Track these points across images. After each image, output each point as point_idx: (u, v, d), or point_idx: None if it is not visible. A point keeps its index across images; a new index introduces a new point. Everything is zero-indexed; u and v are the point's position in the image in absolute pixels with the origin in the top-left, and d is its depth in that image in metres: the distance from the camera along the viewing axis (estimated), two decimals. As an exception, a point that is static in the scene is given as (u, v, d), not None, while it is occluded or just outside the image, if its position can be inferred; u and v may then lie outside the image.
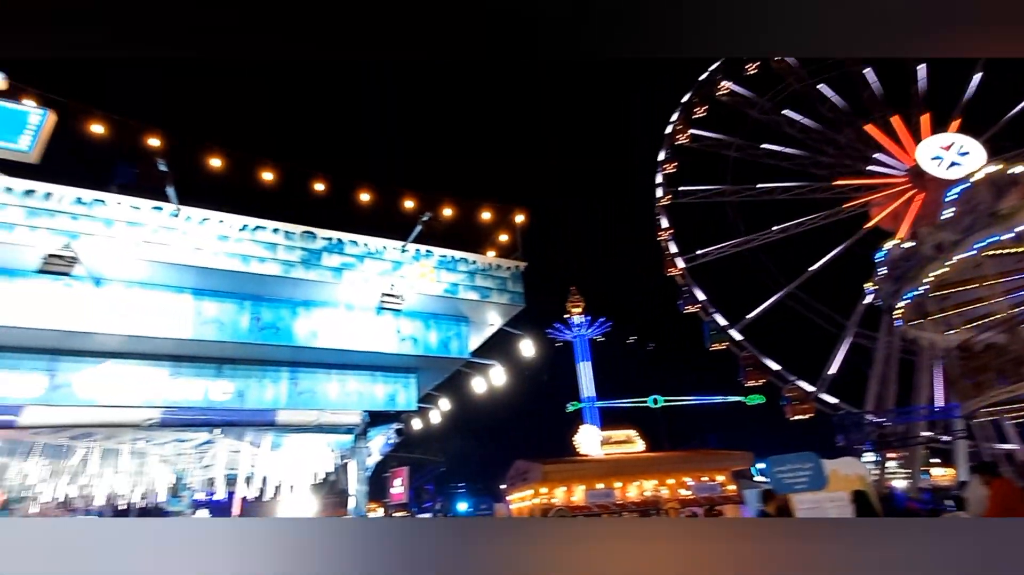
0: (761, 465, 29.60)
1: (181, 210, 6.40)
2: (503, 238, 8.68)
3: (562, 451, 32.82)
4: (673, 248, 30.43)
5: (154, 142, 6.35)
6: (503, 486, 33.65)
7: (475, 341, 9.06)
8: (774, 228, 30.49)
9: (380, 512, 29.61)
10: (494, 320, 8.69)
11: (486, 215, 8.34)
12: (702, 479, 27.20)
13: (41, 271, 5.53)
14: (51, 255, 5.52)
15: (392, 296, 7.10)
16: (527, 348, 9.23)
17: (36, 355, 6.43)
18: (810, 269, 29.80)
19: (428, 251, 7.78)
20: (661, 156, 31.50)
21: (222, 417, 7.11)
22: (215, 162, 6.68)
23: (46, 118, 6.04)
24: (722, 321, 28.70)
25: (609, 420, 35.78)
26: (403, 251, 7.58)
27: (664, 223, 30.83)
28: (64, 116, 6.47)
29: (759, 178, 31.16)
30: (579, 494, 25.84)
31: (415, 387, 8.40)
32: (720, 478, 27.63)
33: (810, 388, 27.34)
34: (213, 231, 6.58)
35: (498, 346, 9.60)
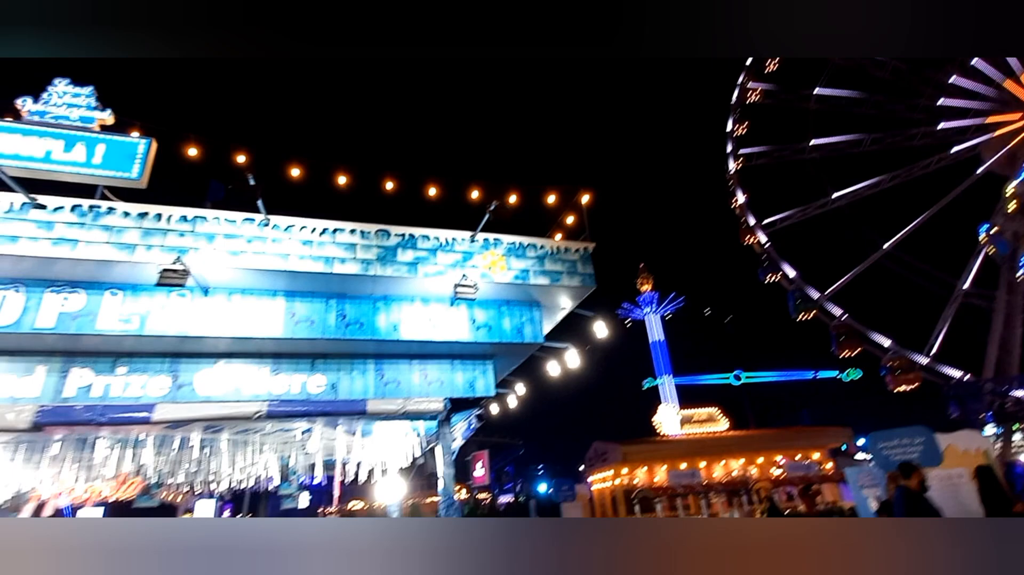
0: (862, 441, 27.57)
1: (269, 219, 6.91)
2: (569, 220, 8.61)
3: (641, 431, 32.40)
4: (750, 216, 28.68)
5: (241, 159, 6.87)
6: (581, 467, 33.80)
7: (548, 325, 9.11)
8: (862, 184, 27.85)
9: (464, 494, 30.79)
10: (565, 303, 8.68)
11: (551, 199, 8.29)
12: (795, 458, 25.78)
13: (159, 284, 6.18)
14: (166, 270, 6.17)
15: (466, 286, 7.28)
16: (600, 329, 9.16)
17: (161, 359, 7.25)
18: (912, 224, 26.94)
19: (497, 239, 7.88)
20: (730, 122, 29.63)
21: (319, 408, 7.64)
22: (295, 171, 7.12)
23: (150, 146, 6.73)
24: (811, 292, 26.75)
25: (689, 398, 34.81)
26: (472, 241, 7.73)
27: (738, 191, 29.11)
28: (162, 142, 7.20)
29: (842, 132, 28.52)
30: (661, 475, 25.40)
31: (492, 373, 8.59)
32: (815, 456, 26.07)
33: (919, 357, 24.88)
34: (298, 236, 7.05)
35: (571, 329, 9.60)
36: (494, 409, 12.86)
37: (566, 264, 8.11)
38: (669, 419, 32.20)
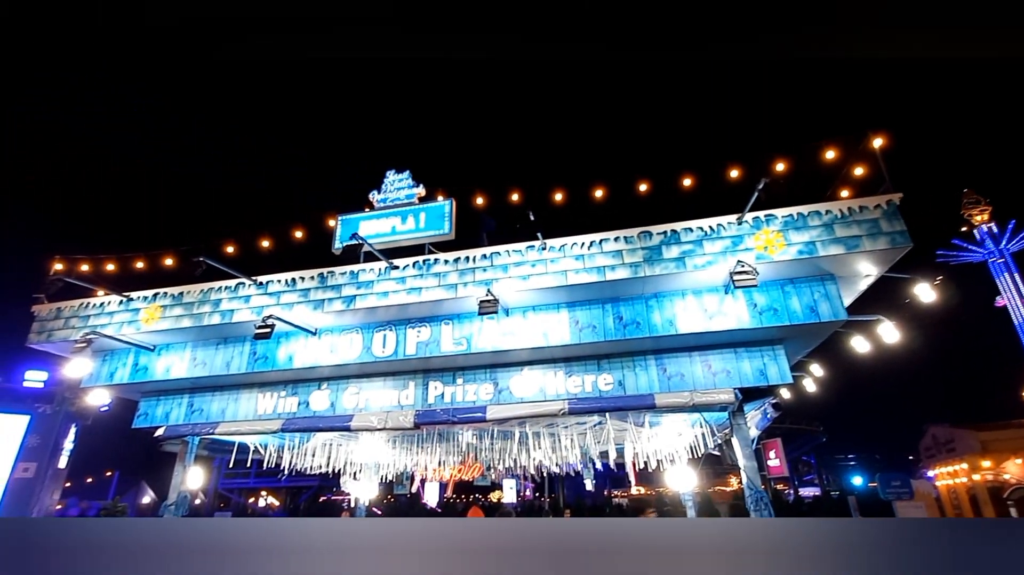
0: None
1: (546, 243, 7.92)
2: (857, 172, 7.31)
3: (999, 412, 24.47)
4: None
5: (515, 196, 8.08)
6: (911, 457, 27.39)
7: (849, 297, 7.89)
8: None
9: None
10: (870, 270, 7.38)
11: (830, 154, 7.20)
12: None
13: (480, 314, 7.74)
14: (483, 301, 7.69)
15: (744, 273, 6.92)
16: (922, 292, 7.46)
17: (484, 370, 9.01)
18: None
19: (769, 216, 7.26)
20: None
21: (612, 404, 8.30)
22: (558, 196, 7.99)
23: (452, 205, 8.54)
24: None
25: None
26: (740, 224, 7.30)
27: None
28: (456, 197, 9.03)
29: None
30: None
31: (784, 358, 7.89)
32: None
33: None
34: (571, 253, 7.87)
35: (882, 295, 8.08)
36: (787, 394, 11.70)
37: (864, 225, 6.90)
38: (1052, 394, 23.47)
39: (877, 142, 6.88)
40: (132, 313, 9.37)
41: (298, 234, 9.08)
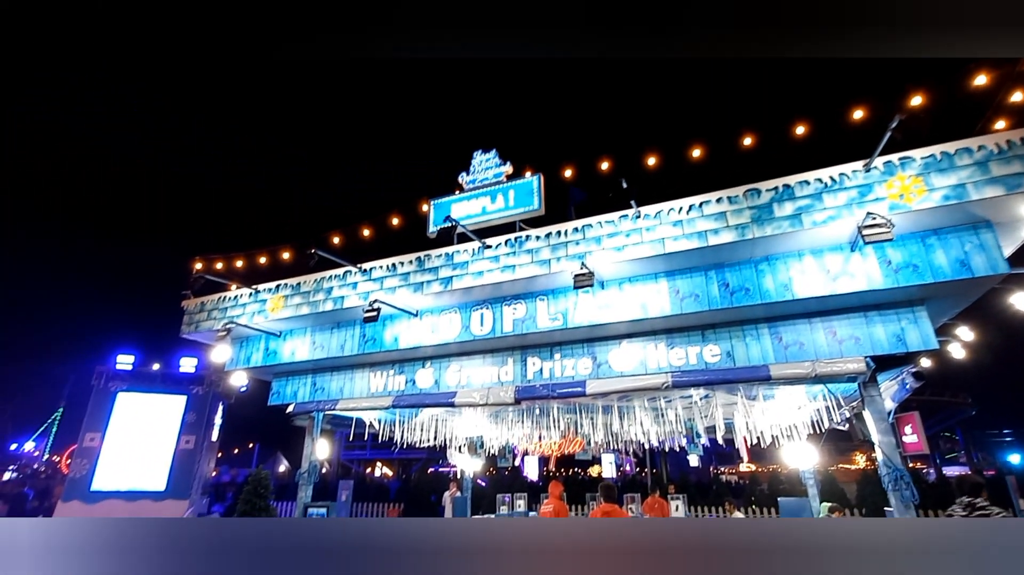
0: None
1: (640, 211, 7.56)
2: (1016, 98, 6.11)
3: None
4: None
5: (604, 165, 7.77)
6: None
7: (1010, 246, 6.71)
8: None
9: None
10: (1040, 212, 6.19)
11: (980, 79, 6.06)
12: None
13: (575, 287, 7.62)
14: (577, 275, 7.56)
15: (876, 227, 6.11)
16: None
17: (581, 344, 8.92)
18: None
19: (904, 159, 6.32)
20: None
21: (720, 376, 7.84)
22: (651, 160, 7.55)
23: (540, 180, 8.43)
24: None
25: None
26: (868, 171, 6.44)
27: None
28: (545, 171, 8.89)
29: None
30: None
31: (927, 321, 6.93)
32: None
33: None
34: (668, 220, 7.45)
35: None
36: (927, 362, 10.32)
37: (1032, 160, 5.77)
38: None
39: (1049, 56, 5.65)
40: (260, 303, 10.43)
41: (395, 221, 9.50)
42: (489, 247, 8.67)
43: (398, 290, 9.14)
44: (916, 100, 6.14)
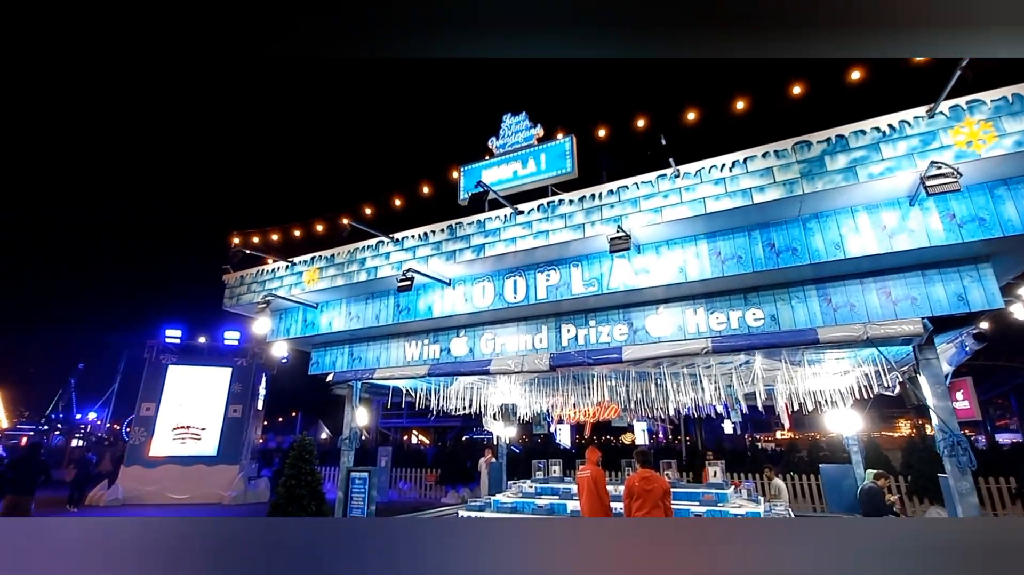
0: None
1: (679, 170, 7.23)
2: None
3: None
4: None
5: (640, 123, 7.42)
6: None
7: (1092, 197, 6.13)
8: None
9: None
10: None
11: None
12: None
13: (611, 252, 7.42)
14: (613, 238, 7.34)
15: (940, 177, 5.65)
16: None
17: (616, 310, 8.75)
18: None
19: (972, 103, 5.77)
20: None
21: (764, 340, 7.57)
22: (691, 115, 7.16)
23: (572, 142, 8.14)
24: None
25: None
26: (932, 117, 5.93)
27: None
28: (577, 134, 8.57)
29: None
30: None
31: (992, 279, 6.47)
32: None
33: None
34: (709, 178, 7.10)
35: None
36: (984, 324, 9.72)
37: None
38: None
39: None
40: (296, 276, 10.61)
41: (425, 189, 9.40)
42: (521, 213, 8.50)
43: (431, 259, 9.12)
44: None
